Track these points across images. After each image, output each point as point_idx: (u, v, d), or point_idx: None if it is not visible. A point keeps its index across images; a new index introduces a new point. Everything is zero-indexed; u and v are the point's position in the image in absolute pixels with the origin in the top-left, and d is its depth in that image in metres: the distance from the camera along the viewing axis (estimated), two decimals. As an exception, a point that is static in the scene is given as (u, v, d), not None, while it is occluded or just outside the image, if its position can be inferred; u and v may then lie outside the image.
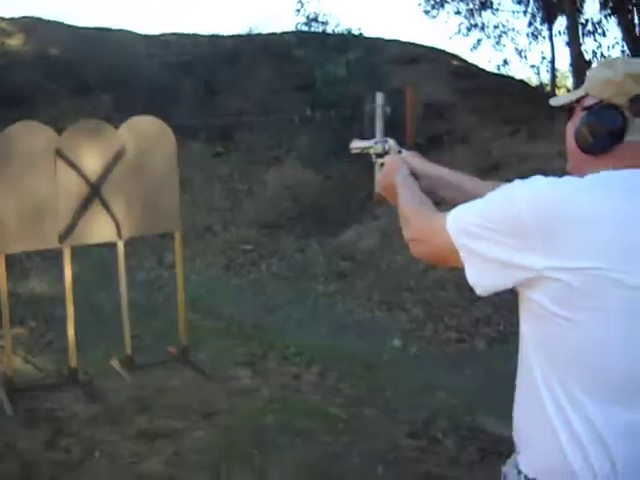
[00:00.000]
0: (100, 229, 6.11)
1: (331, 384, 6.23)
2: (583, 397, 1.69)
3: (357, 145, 2.76)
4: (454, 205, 1.90)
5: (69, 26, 15.09)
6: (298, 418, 5.52)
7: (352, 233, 10.29)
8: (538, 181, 1.76)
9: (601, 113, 1.82)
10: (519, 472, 1.83)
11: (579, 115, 1.89)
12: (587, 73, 1.94)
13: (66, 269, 6.04)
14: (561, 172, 1.95)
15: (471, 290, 1.83)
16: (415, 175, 2.34)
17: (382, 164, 2.51)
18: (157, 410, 5.61)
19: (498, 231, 1.74)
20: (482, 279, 1.81)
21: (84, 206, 5.99)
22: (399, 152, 2.53)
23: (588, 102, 1.87)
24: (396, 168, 2.36)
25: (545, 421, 1.75)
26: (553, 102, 2.04)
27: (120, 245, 6.26)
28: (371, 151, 2.64)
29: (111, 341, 6.80)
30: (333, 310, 8.21)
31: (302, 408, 5.74)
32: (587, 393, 1.69)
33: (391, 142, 2.57)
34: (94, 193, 6.02)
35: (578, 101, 1.92)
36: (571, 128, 1.92)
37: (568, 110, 1.95)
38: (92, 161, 6.01)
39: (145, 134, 6.27)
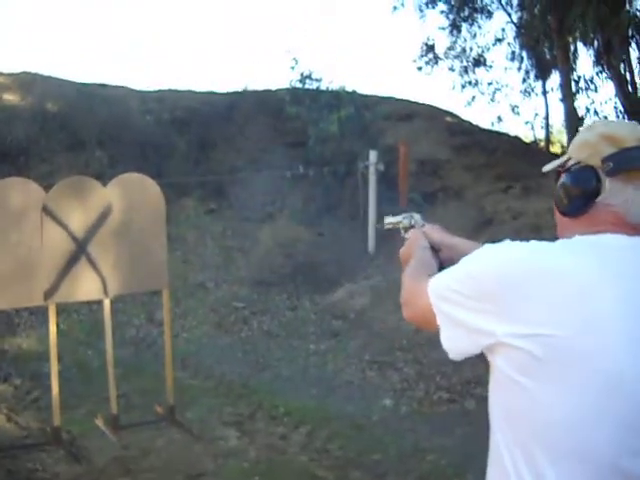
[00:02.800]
0: (86, 287, 6.05)
1: (319, 445, 6.12)
2: (548, 470, 1.63)
3: (389, 221, 2.89)
4: None
5: (67, 81, 15.15)
6: (284, 481, 5.43)
7: (344, 292, 10.21)
8: (504, 245, 1.76)
9: (575, 174, 1.81)
10: None
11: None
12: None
13: (51, 326, 5.96)
14: (554, 228, 1.92)
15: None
16: (436, 247, 2.43)
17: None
18: (141, 472, 5.51)
19: (465, 294, 1.73)
20: (454, 343, 1.79)
21: (70, 263, 5.92)
22: (422, 226, 2.63)
23: (569, 165, 1.86)
24: (416, 241, 2.44)
25: None
26: (545, 169, 2.03)
27: (106, 303, 6.19)
28: (400, 226, 2.77)
29: (97, 399, 6.71)
30: (324, 369, 8.11)
31: (288, 470, 5.65)
32: (552, 466, 1.62)
33: (416, 217, 2.71)
34: (80, 250, 5.96)
35: (563, 165, 1.90)
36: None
37: (556, 175, 1.94)
38: (79, 218, 5.96)
39: (133, 191, 6.24)
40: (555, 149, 20.45)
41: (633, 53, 16.77)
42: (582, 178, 1.78)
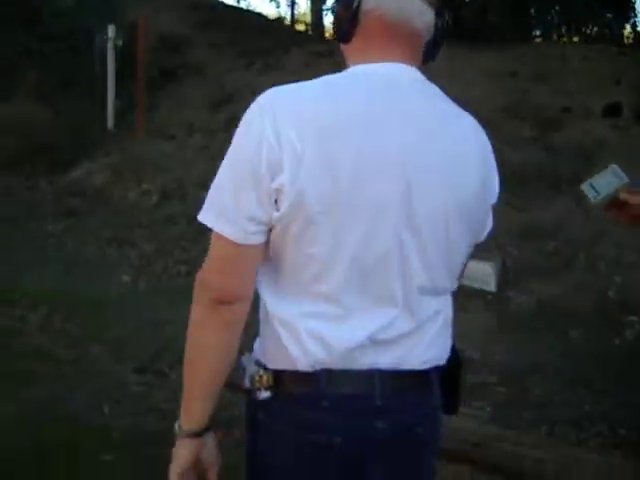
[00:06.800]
0: None
1: (58, 326, 6.08)
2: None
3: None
4: None
5: None
6: (22, 362, 5.35)
7: (82, 170, 10.02)
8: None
9: None
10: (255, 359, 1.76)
11: None
12: None
13: None
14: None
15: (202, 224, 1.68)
16: None
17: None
18: None
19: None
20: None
21: None
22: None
23: None
24: None
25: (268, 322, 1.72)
26: None
27: None
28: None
29: None
30: (62, 250, 7.98)
31: (26, 351, 5.57)
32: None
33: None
34: None
35: None
36: None
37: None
38: None
39: None
40: (300, 27, 20.67)
41: None
42: None
